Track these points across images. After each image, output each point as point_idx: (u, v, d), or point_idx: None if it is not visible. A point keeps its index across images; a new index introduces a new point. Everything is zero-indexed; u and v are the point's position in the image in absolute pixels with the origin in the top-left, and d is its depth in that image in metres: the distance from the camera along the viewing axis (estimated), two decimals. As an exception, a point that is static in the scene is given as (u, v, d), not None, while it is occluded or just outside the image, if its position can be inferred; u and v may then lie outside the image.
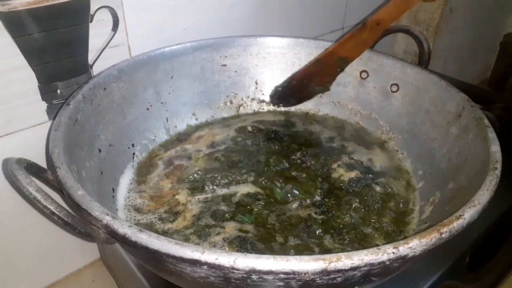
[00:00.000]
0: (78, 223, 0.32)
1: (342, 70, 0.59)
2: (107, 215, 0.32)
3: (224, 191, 0.52)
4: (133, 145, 0.58)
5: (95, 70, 0.57)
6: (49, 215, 0.30)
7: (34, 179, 0.34)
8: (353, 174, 0.55)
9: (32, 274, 0.63)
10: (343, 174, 0.55)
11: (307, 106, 0.70)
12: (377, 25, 0.54)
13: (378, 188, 0.53)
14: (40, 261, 0.63)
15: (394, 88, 0.62)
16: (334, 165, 0.56)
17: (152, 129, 0.61)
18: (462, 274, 0.55)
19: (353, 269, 0.29)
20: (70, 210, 0.32)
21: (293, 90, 0.61)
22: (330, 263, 0.28)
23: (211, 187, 0.53)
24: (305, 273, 0.28)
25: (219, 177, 0.54)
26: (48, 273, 0.65)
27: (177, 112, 0.64)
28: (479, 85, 1.40)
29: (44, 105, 0.54)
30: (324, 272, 0.28)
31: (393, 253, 0.29)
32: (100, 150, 0.51)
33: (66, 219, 0.31)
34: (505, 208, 0.60)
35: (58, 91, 0.55)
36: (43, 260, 0.63)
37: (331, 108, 0.69)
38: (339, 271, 0.29)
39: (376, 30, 0.55)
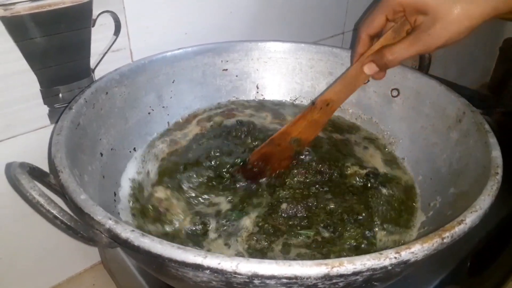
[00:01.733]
0: (81, 227, 0.32)
1: (299, 154, 0.55)
2: (110, 219, 0.32)
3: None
4: (134, 149, 0.58)
5: (97, 75, 0.57)
6: (52, 219, 0.31)
7: (37, 183, 0.34)
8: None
9: (32, 277, 0.63)
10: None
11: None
12: (326, 105, 0.53)
13: (384, 190, 0.53)
14: (40, 264, 0.63)
15: (395, 93, 0.62)
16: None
17: (154, 133, 0.61)
18: (464, 279, 0.55)
19: (355, 274, 0.29)
20: (72, 215, 0.32)
21: (250, 174, 0.54)
22: (332, 268, 0.28)
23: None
24: (307, 278, 0.28)
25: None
26: (49, 277, 0.65)
27: (178, 117, 0.64)
28: (479, 89, 1.40)
29: (46, 109, 0.55)
30: (327, 277, 0.29)
31: (395, 258, 0.30)
32: (102, 154, 0.51)
33: (69, 224, 0.31)
34: (506, 212, 0.60)
35: (60, 95, 0.55)
36: (43, 263, 0.63)
37: (332, 112, 0.69)
38: (341, 276, 0.29)
39: (326, 110, 0.54)
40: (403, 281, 0.47)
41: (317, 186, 0.53)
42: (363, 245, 0.46)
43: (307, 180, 0.53)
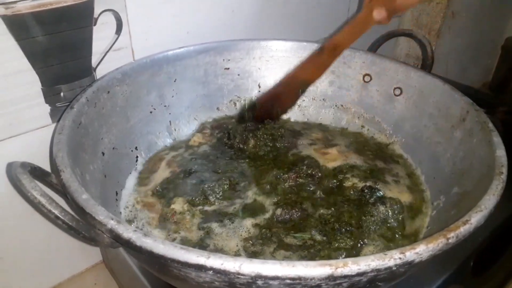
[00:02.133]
0: (83, 227, 0.31)
1: (303, 92, 0.62)
2: (112, 219, 0.32)
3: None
4: (136, 148, 0.57)
5: (99, 73, 0.57)
6: (53, 220, 0.30)
7: (38, 183, 0.34)
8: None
9: (34, 276, 0.63)
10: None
11: (308, 111, 0.70)
12: (334, 49, 0.56)
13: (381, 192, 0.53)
14: (42, 264, 0.63)
15: (398, 92, 0.62)
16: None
17: (156, 132, 0.61)
18: (467, 279, 0.55)
19: (359, 274, 0.29)
20: (74, 215, 0.31)
21: (258, 113, 0.63)
22: (336, 268, 0.28)
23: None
24: (311, 279, 0.28)
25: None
26: (50, 276, 0.65)
27: (180, 115, 0.64)
28: (481, 88, 1.40)
29: (47, 108, 0.54)
30: (331, 278, 0.28)
31: (400, 258, 0.29)
32: (103, 153, 0.51)
33: (70, 224, 0.31)
34: (509, 212, 0.59)
35: (62, 94, 0.55)
36: (45, 263, 0.63)
37: (334, 111, 0.69)
38: (345, 276, 0.29)
39: (333, 53, 0.57)
40: (406, 280, 0.47)
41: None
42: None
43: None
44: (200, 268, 0.28)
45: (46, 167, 0.53)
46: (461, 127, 0.52)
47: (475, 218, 0.33)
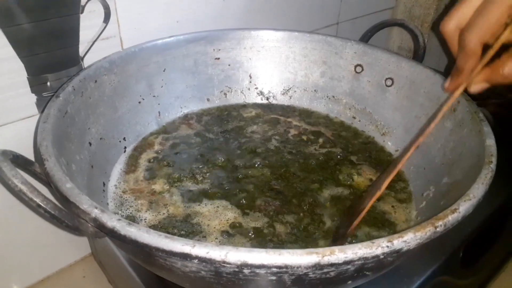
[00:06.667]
0: (66, 216, 0.31)
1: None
2: (96, 208, 0.31)
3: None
4: (124, 138, 0.57)
5: (86, 63, 0.56)
6: (35, 208, 0.30)
7: (21, 172, 0.33)
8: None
9: (22, 269, 0.62)
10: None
11: (301, 101, 0.69)
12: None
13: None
14: (30, 256, 0.62)
15: (389, 82, 0.62)
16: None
17: (144, 123, 0.60)
18: (456, 270, 0.55)
19: (346, 263, 0.28)
20: (57, 203, 0.31)
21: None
22: (323, 256, 0.28)
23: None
24: (297, 267, 0.28)
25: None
26: (38, 269, 0.64)
27: (169, 106, 0.63)
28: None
29: (33, 97, 0.53)
30: (317, 266, 0.28)
31: (387, 246, 0.29)
32: (90, 144, 0.50)
33: (53, 212, 0.30)
34: (499, 203, 0.60)
35: (48, 83, 0.54)
36: (33, 255, 0.62)
37: (325, 102, 0.68)
38: (332, 265, 0.28)
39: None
40: (395, 271, 0.47)
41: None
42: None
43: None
44: (186, 257, 0.28)
45: (33, 157, 0.53)
46: (451, 117, 0.51)
47: (464, 207, 0.33)
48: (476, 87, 0.41)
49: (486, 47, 0.38)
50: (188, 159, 0.56)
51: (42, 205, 0.30)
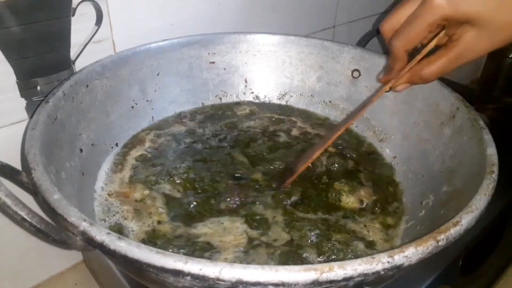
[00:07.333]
0: (52, 230, 0.29)
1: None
2: (85, 221, 0.30)
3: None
4: (116, 144, 0.55)
5: (78, 66, 0.55)
6: (20, 222, 0.28)
7: (7, 182, 0.32)
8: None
9: (12, 276, 0.61)
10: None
11: (297, 106, 0.68)
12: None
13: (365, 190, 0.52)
14: (20, 263, 0.60)
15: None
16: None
17: (137, 128, 0.59)
18: (456, 278, 0.54)
19: (346, 279, 0.27)
20: (43, 217, 0.29)
21: None
22: (322, 273, 0.27)
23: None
24: (295, 284, 0.27)
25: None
26: (29, 276, 0.63)
27: (163, 111, 0.62)
28: (470, 85, 1.39)
29: (23, 102, 0.52)
30: (316, 283, 0.27)
31: (388, 262, 0.28)
32: (81, 150, 0.48)
33: (38, 226, 0.29)
34: (498, 209, 0.59)
35: (38, 87, 0.52)
36: (23, 262, 0.61)
37: (322, 107, 0.67)
38: (331, 281, 0.27)
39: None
40: (394, 282, 0.46)
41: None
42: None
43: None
44: (178, 273, 0.27)
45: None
46: (450, 124, 0.50)
47: (466, 219, 0.32)
48: (400, 87, 0.47)
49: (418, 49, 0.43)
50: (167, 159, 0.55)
51: (28, 218, 0.28)
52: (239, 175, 0.53)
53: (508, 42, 0.38)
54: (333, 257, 0.43)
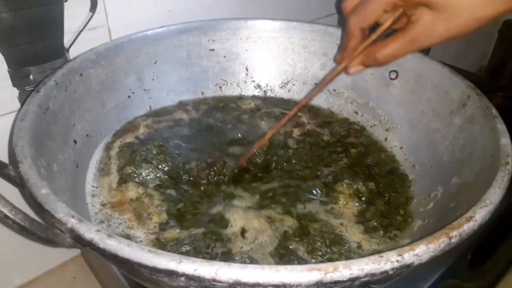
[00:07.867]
0: (37, 227, 0.28)
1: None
2: (73, 217, 0.28)
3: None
4: (114, 135, 0.54)
5: (72, 54, 0.53)
6: (3, 219, 0.26)
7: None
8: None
9: (10, 270, 0.60)
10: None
11: (300, 95, 0.66)
12: None
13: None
14: (19, 256, 0.60)
15: (393, 75, 0.58)
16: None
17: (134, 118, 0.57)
18: (464, 273, 0.53)
19: (351, 280, 0.25)
20: (27, 214, 0.27)
21: None
22: (326, 273, 0.25)
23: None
24: (297, 285, 0.25)
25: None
26: (28, 269, 0.62)
27: (161, 100, 0.60)
28: (477, 73, 1.37)
29: (15, 91, 0.50)
30: (319, 284, 0.25)
31: (397, 261, 0.26)
32: (75, 141, 0.47)
33: (22, 224, 0.27)
34: (507, 203, 0.56)
35: (31, 76, 0.51)
36: (22, 255, 0.60)
37: (326, 96, 0.65)
38: (336, 282, 0.25)
39: None
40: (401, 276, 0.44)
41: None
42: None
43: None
44: (171, 274, 0.25)
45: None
46: (461, 113, 0.48)
47: (480, 214, 0.30)
48: (354, 69, 0.45)
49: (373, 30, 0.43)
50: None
51: (10, 216, 0.26)
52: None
53: (467, 31, 0.38)
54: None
